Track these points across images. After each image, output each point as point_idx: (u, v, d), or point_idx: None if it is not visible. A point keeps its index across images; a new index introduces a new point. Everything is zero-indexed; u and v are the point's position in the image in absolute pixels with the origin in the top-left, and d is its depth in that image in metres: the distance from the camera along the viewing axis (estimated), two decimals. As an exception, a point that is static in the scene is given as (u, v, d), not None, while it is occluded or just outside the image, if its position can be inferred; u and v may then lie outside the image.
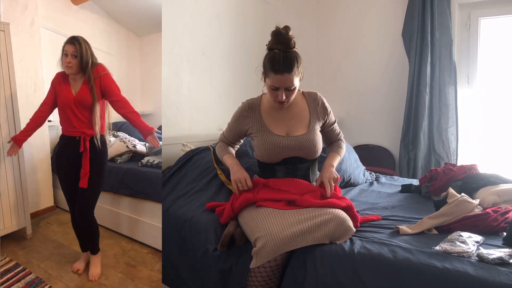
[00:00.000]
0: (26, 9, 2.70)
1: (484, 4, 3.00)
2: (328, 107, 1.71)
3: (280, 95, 1.52)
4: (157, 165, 2.47)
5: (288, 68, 1.47)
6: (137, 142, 3.00)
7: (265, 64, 1.54)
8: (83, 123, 1.95)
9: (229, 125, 1.78)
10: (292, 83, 1.50)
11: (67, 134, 2.00)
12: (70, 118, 1.95)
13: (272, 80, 1.51)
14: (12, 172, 2.36)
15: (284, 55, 1.48)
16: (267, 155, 1.61)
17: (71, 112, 1.94)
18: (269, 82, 1.53)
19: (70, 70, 1.91)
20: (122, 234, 2.59)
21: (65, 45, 1.91)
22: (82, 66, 1.91)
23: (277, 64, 1.47)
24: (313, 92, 1.72)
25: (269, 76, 1.52)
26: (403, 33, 3.20)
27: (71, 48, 1.89)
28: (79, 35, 1.95)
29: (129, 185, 2.44)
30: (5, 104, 2.29)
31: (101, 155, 2.01)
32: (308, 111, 1.67)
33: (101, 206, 2.28)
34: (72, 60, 1.89)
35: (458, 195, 1.62)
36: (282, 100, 1.54)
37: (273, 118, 1.65)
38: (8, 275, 2.01)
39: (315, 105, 1.68)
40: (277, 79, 1.49)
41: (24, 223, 2.46)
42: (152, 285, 2.01)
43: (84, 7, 3.35)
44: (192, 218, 1.75)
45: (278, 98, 1.53)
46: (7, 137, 2.32)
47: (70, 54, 1.89)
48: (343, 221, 1.43)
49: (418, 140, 3.11)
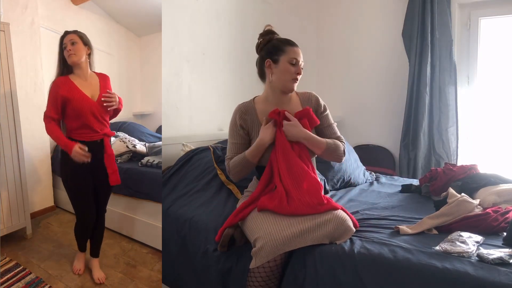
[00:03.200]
0: (26, 9, 2.70)
1: (484, 4, 3.00)
2: (322, 104, 1.70)
3: (298, 68, 1.57)
4: (157, 165, 2.47)
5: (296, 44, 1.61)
6: (137, 142, 3.00)
7: (276, 45, 1.60)
8: (103, 125, 1.95)
9: (229, 140, 1.67)
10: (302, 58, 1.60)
11: (87, 140, 1.88)
12: (92, 123, 1.88)
13: (292, 53, 1.57)
14: (12, 172, 2.36)
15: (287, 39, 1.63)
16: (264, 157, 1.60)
17: (93, 117, 1.88)
18: (287, 58, 1.56)
19: (74, 57, 1.85)
20: (122, 234, 2.59)
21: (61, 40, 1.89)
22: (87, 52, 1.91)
23: (291, 40, 1.61)
24: (307, 91, 1.72)
25: (286, 52, 1.57)
26: (403, 33, 3.19)
27: (68, 38, 1.87)
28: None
29: (129, 185, 2.44)
30: (5, 104, 2.29)
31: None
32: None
33: (101, 206, 2.28)
34: (73, 47, 1.85)
35: (458, 195, 1.62)
36: (300, 73, 1.59)
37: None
38: (8, 275, 2.01)
39: (309, 104, 1.67)
40: (296, 51, 1.58)
41: (24, 223, 2.46)
42: (152, 285, 2.01)
43: (84, 7, 3.35)
44: (192, 218, 1.75)
45: (297, 71, 1.57)
46: (7, 137, 2.32)
47: (69, 42, 1.85)
48: (342, 221, 1.43)
49: (418, 140, 3.11)
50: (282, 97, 1.64)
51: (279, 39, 1.63)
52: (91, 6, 3.44)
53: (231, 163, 1.62)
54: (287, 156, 1.51)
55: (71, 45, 1.85)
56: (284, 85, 1.59)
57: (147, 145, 2.86)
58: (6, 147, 2.31)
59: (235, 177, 1.64)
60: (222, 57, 2.76)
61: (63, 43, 1.88)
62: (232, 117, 1.67)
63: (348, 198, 2.08)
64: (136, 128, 3.36)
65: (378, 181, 2.55)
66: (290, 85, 1.58)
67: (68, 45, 1.85)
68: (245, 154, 1.57)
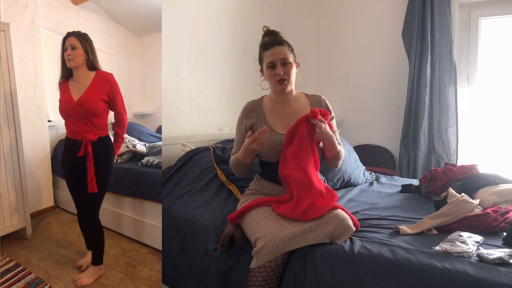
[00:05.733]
0: (26, 9, 2.70)
1: (484, 4, 3.00)
2: (331, 110, 1.70)
3: (278, 70, 1.54)
4: (157, 165, 2.47)
5: (278, 42, 1.56)
6: (137, 142, 3.00)
7: (259, 52, 1.61)
8: (86, 126, 1.90)
9: (236, 137, 1.71)
10: (286, 54, 1.54)
11: (70, 137, 1.94)
12: (69, 123, 1.92)
13: (267, 58, 1.56)
14: (12, 172, 2.36)
15: (273, 38, 1.59)
16: (271, 154, 1.61)
17: (71, 117, 1.90)
18: (265, 64, 1.57)
19: (71, 62, 1.87)
20: (122, 234, 2.59)
21: (63, 41, 1.89)
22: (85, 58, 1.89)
23: (267, 43, 1.58)
24: (318, 94, 1.73)
25: (263, 58, 1.58)
26: (403, 33, 3.20)
27: (69, 41, 1.87)
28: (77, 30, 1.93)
29: (129, 185, 2.44)
30: (5, 104, 2.29)
31: (105, 158, 1.95)
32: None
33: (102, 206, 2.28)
34: (72, 52, 1.86)
35: (458, 195, 1.62)
36: (281, 74, 1.54)
37: (276, 116, 1.65)
38: (8, 275, 2.01)
39: (319, 107, 1.67)
40: (270, 53, 1.55)
41: (24, 223, 2.46)
42: (152, 285, 2.01)
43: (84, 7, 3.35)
44: (192, 218, 1.75)
45: (277, 72, 1.54)
46: (7, 137, 2.32)
47: (70, 46, 1.86)
48: (343, 220, 1.43)
49: (418, 140, 3.11)
50: (284, 97, 1.64)
51: (260, 45, 1.62)
52: (91, 6, 3.44)
53: (230, 161, 1.68)
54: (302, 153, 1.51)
55: (71, 50, 1.86)
56: (274, 88, 1.62)
57: (147, 145, 2.86)
58: (6, 147, 2.31)
59: (235, 173, 1.68)
60: (222, 57, 2.76)
61: (64, 44, 1.89)
62: (241, 111, 1.70)
63: (348, 198, 2.08)
64: (136, 128, 3.36)
65: (378, 181, 2.55)
66: (278, 88, 1.59)
67: (69, 49, 1.87)
68: (238, 154, 1.60)
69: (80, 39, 1.89)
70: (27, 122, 2.62)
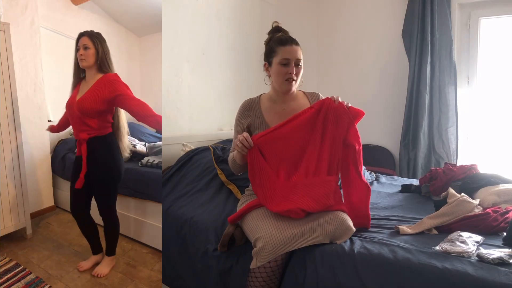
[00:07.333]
0: (26, 9, 2.70)
1: (484, 4, 3.01)
2: None
3: (291, 69, 1.54)
4: (157, 165, 2.47)
5: (295, 41, 1.56)
6: (137, 142, 3.00)
7: (270, 46, 1.59)
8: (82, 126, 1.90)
9: (234, 135, 1.73)
10: (300, 56, 1.55)
11: (74, 137, 2.02)
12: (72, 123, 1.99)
13: (282, 54, 1.54)
14: (12, 172, 2.36)
15: (289, 36, 1.58)
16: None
17: (71, 117, 1.95)
18: (278, 59, 1.55)
19: (84, 62, 1.88)
20: (122, 234, 2.58)
21: (76, 41, 1.90)
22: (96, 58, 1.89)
23: (284, 39, 1.56)
24: (316, 92, 1.73)
25: (277, 53, 1.55)
26: (403, 33, 3.20)
27: (82, 41, 1.88)
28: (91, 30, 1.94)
29: (129, 185, 2.44)
30: (5, 104, 2.29)
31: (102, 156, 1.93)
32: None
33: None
34: (84, 52, 1.86)
35: (458, 195, 1.62)
36: (294, 72, 1.55)
37: (273, 114, 1.65)
38: (8, 275, 2.01)
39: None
40: (287, 50, 1.53)
41: (24, 223, 2.46)
42: (152, 285, 2.01)
43: (84, 7, 3.35)
44: (192, 218, 1.75)
45: (290, 71, 1.54)
46: (7, 137, 2.32)
47: (82, 46, 1.87)
48: (343, 220, 1.43)
49: (418, 140, 3.11)
50: (285, 96, 1.64)
51: (275, 39, 1.59)
52: (91, 6, 3.44)
53: (228, 158, 1.69)
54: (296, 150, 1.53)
55: (83, 50, 1.87)
56: (279, 86, 1.60)
57: (147, 145, 2.86)
58: (6, 147, 2.31)
59: (233, 171, 1.69)
60: (222, 57, 2.76)
61: (77, 45, 1.89)
62: (239, 109, 1.71)
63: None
64: (136, 128, 3.36)
65: (378, 181, 2.55)
66: (284, 87, 1.58)
67: (81, 49, 1.87)
68: (233, 154, 1.61)
69: (93, 38, 1.89)
70: (27, 122, 2.62)
